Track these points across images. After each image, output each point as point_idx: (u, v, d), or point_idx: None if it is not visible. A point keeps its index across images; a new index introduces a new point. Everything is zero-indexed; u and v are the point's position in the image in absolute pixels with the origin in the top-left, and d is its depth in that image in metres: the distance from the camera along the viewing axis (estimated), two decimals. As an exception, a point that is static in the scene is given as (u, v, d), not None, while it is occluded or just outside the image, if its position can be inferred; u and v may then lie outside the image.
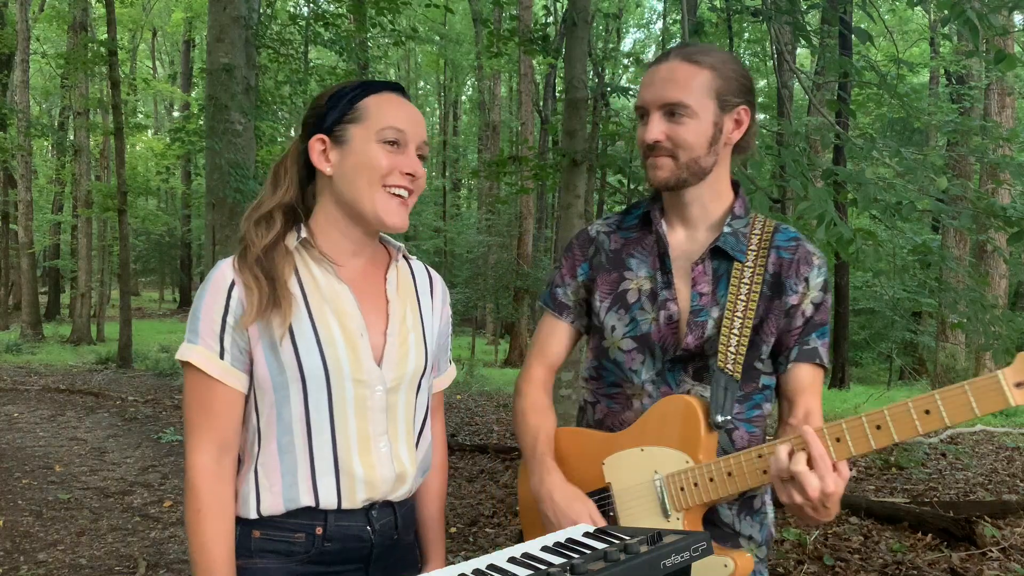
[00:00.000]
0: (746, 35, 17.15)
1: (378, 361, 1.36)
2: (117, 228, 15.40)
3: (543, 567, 0.94)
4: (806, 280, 1.45)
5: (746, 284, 1.44)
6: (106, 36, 14.66)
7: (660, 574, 0.94)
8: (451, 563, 1.07)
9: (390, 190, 1.33)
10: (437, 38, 24.21)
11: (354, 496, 1.33)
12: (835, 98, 5.29)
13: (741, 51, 17.87)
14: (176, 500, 5.40)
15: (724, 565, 1.32)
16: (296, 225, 1.37)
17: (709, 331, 1.43)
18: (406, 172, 1.34)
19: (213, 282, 1.32)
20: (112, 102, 14.15)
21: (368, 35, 11.07)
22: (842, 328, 12.88)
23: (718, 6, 5.96)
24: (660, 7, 23.33)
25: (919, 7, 5.05)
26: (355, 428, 1.33)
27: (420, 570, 1.49)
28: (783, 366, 1.46)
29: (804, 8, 5.30)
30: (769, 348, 1.45)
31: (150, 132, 30.91)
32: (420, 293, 1.49)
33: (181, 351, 1.31)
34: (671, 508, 1.37)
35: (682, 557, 0.97)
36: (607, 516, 1.43)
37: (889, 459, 6.51)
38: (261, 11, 8.76)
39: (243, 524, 1.33)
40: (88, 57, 14.50)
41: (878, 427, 1.21)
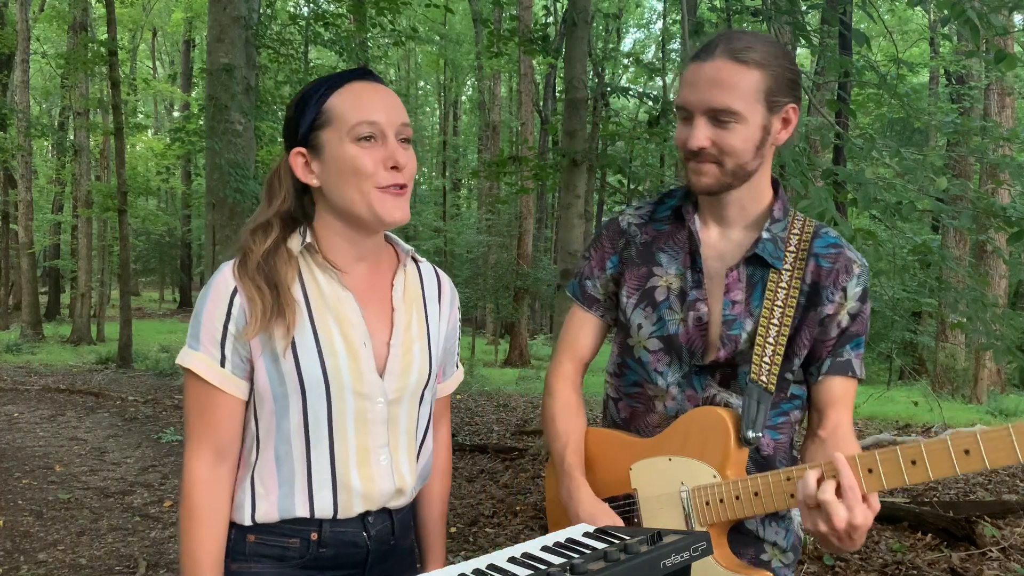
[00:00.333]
0: (746, 35, 17.11)
1: (381, 372, 1.32)
2: (117, 228, 15.37)
3: (543, 567, 0.94)
4: (843, 290, 1.38)
5: (783, 292, 1.37)
6: (106, 36, 14.65)
7: (660, 574, 0.94)
8: (451, 563, 1.07)
9: (382, 190, 1.27)
10: (437, 38, 24.21)
11: (351, 509, 1.31)
12: (835, 98, 5.28)
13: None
14: (176, 500, 5.40)
15: None
16: (299, 228, 1.33)
17: (742, 345, 1.38)
18: (391, 166, 1.27)
19: (215, 287, 1.29)
20: (112, 102, 14.14)
21: (368, 35, 11.05)
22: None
23: (718, 6, 5.96)
24: (660, 7, 23.33)
25: (919, 7, 5.05)
26: (354, 441, 1.30)
27: (419, 571, 1.48)
28: (814, 376, 1.41)
29: (804, 8, 5.30)
30: (802, 360, 1.40)
31: (150, 132, 30.90)
32: (427, 298, 1.44)
33: (182, 356, 1.30)
34: (696, 522, 1.34)
35: (682, 557, 0.97)
36: (631, 522, 1.41)
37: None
38: (261, 11, 8.76)
39: (238, 529, 1.32)
40: (88, 57, 14.48)
41: (913, 462, 1.16)
